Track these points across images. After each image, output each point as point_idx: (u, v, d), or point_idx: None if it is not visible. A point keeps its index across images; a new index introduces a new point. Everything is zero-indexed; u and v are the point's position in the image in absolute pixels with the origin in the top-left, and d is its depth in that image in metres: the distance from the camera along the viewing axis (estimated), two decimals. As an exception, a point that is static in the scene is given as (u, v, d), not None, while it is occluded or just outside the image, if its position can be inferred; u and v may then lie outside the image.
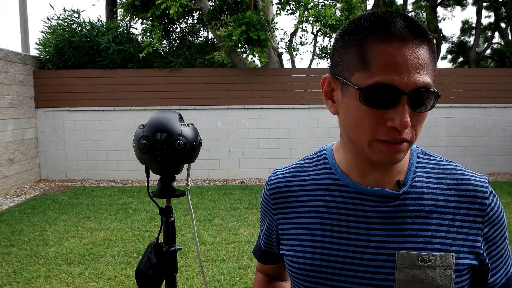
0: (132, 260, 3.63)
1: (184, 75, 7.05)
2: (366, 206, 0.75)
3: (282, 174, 0.87)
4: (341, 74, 0.69)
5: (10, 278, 3.27)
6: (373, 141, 0.67)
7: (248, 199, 5.73)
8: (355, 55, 0.66)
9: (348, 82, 0.67)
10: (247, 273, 3.36)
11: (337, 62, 0.70)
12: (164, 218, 1.43)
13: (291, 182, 0.84)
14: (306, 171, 0.85)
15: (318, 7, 7.01)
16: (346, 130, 0.72)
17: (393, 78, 0.62)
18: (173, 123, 1.32)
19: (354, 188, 0.76)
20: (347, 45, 0.68)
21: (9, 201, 5.72)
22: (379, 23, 0.65)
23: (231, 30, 6.47)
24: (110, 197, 5.88)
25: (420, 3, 13.45)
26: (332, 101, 0.75)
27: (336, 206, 0.77)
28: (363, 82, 0.65)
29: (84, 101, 6.97)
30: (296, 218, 0.81)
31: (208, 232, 4.35)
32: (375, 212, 0.74)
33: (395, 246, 0.72)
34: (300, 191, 0.82)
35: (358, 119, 0.67)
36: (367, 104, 0.65)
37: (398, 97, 0.63)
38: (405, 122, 0.63)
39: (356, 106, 0.66)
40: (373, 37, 0.64)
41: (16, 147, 6.40)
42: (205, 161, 7.13)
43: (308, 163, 0.87)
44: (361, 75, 0.65)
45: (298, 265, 0.78)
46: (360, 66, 0.65)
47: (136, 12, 7.18)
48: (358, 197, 0.76)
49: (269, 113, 7.15)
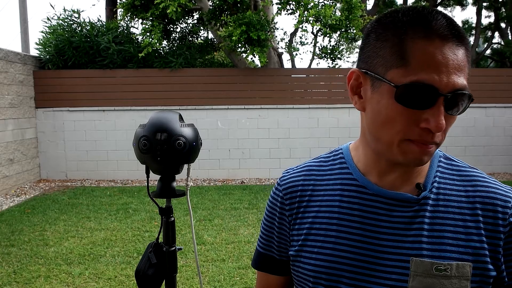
0: (132, 260, 3.63)
1: (184, 75, 7.05)
2: (384, 209, 0.72)
3: (296, 173, 0.83)
4: (374, 69, 0.66)
5: (10, 278, 3.27)
6: (404, 140, 0.65)
7: (248, 199, 5.73)
8: (392, 50, 0.63)
9: (383, 78, 0.64)
10: (247, 273, 3.36)
11: (370, 56, 0.67)
12: (164, 218, 1.43)
13: (306, 181, 0.80)
14: (321, 170, 0.81)
15: (318, 7, 7.00)
16: (374, 128, 0.68)
17: (433, 78, 0.60)
18: (173, 123, 1.32)
19: (372, 190, 0.74)
20: (383, 39, 0.64)
21: (9, 201, 5.72)
22: (420, 19, 0.62)
23: (231, 30, 6.47)
24: (110, 197, 5.88)
25: (420, 3, 13.45)
26: (358, 96, 0.71)
27: (352, 207, 0.74)
28: (400, 80, 0.62)
29: (84, 101, 6.97)
30: (311, 218, 0.77)
31: (208, 232, 4.34)
32: (392, 217, 0.72)
33: (410, 252, 0.69)
34: (315, 191, 0.79)
35: (390, 117, 0.64)
36: (403, 103, 0.62)
37: (435, 98, 0.61)
38: (441, 125, 0.61)
39: (389, 104, 0.63)
40: (413, 33, 0.61)
41: (16, 147, 6.40)
42: (205, 161, 7.13)
43: (323, 161, 0.83)
44: (398, 72, 0.62)
45: (309, 266, 0.75)
46: (398, 63, 0.62)
47: (136, 12, 7.18)
48: (376, 200, 0.73)
49: (269, 113, 7.15)
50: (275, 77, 7.16)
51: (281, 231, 0.82)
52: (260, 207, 5.31)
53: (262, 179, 7.21)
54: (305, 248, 0.76)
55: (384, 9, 13.24)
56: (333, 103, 7.17)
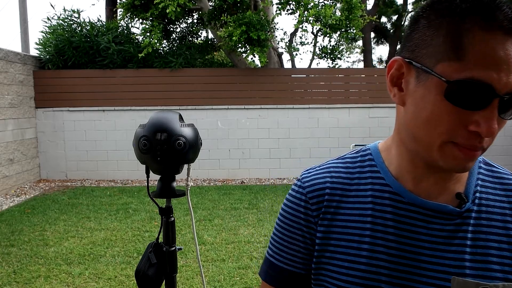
0: (132, 260, 3.63)
1: (184, 75, 7.05)
2: (421, 221, 0.65)
3: (320, 173, 0.73)
4: (422, 60, 0.58)
5: (10, 278, 3.27)
6: (447, 143, 0.57)
7: (248, 199, 5.73)
8: (446, 40, 0.55)
9: (432, 71, 0.56)
10: (247, 273, 3.36)
11: (418, 44, 0.58)
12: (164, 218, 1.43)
13: (334, 184, 0.71)
14: (349, 173, 0.72)
15: (318, 7, 7.01)
16: (414, 125, 0.60)
17: (491, 76, 0.52)
18: (173, 123, 1.32)
19: (407, 198, 0.66)
20: (436, 26, 0.56)
21: (9, 201, 5.72)
22: (482, 7, 0.54)
23: (231, 30, 6.47)
24: (110, 197, 5.88)
25: (420, 3, 13.44)
26: (398, 88, 0.63)
27: (386, 217, 0.66)
28: (451, 75, 0.54)
29: (84, 101, 6.97)
30: (339, 227, 0.69)
31: (208, 232, 4.34)
32: (431, 229, 0.64)
33: (451, 270, 0.63)
34: (344, 196, 0.70)
35: (435, 115, 0.57)
36: (453, 102, 0.55)
37: (490, 98, 0.53)
38: (493, 129, 0.54)
39: (435, 100, 0.56)
40: (472, 23, 0.53)
41: (16, 147, 6.40)
42: (205, 161, 7.13)
43: (350, 162, 0.73)
44: (450, 65, 0.54)
45: (340, 282, 0.67)
46: (451, 55, 0.54)
47: (136, 12, 7.18)
48: (412, 209, 0.65)
49: (269, 113, 7.15)
50: (275, 77, 7.16)
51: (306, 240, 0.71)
52: (260, 207, 5.31)
53: (262, 179, 7.21)
54: (334, 261, 0.68)
55: (384, 9, 13.23)
56: (333, 103, 7.17)
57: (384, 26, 14.50)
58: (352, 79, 7.29)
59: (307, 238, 0.71)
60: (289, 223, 0.73)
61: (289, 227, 0.73)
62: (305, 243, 0.71)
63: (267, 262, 0.76)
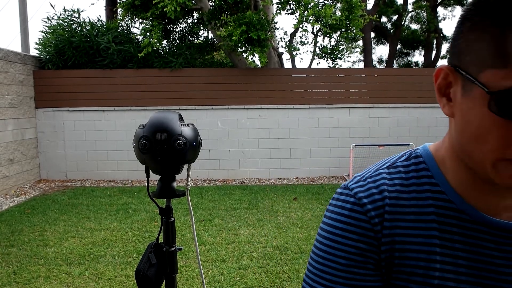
0: (132, 260, 3.62)
1: (184, 75, 7.05)
2: (492, 242, 0.58)
3: (375, 185, 0.61)
4: (466, 67, 0.52)
5: (10, 278, 3.27)
6: (501, 160, 0.51)
7: (248, 199, 5.73)
8: (490, 44, 0.48)
9: (475, 80, 0.50)
10: (247, 273, 3.36)
11: (462, 50, 0.52)
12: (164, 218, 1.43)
13: (393, 197, 0.60)
14: (404, 184, 0.61)
15: (318, 7, 7.00)
16: (463, 140, 0.54)
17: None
18: (173, 123, 1.31)
19: (474, 217, 0.58)
20: (480, 29, 0.50)
21: (9, 201, 5.71)
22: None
23: (231, 30, 6.47)
24: (110, 197, 5.88)
25: (420, 3, 13.45)
26: (447, 98, 0.56)
27: (454, 239, 0.58)
28: (497, 84, 0.48)
29: (84, 101, 6.97)
30: (405, 252, 0.58)
31: (208, 232, 4.34)
32: (504, 252, 0.57)
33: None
34: (404, 213, 0.59)
35: (483, 130, 0.50)
36: (501, 114, 0.48)
37: None
38: None
39: (482, 114, 0.50)
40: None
41: (16, 147, 6.40)
42: (205, 161, 7.12)
43: (403, 172, 0.63)
44: (495, 73, 0.48)
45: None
46: (496, 61, 0.48)
47: (136, 12, 7.18)
48: (481, 230, 0.58)
49: (269, 113, 7.15)
50: (275, 77, 7.16)
51: (374, 266, 0.59)
52: (260, 207, 5.31)
53: (262, 179, 7.21)
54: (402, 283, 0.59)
55: (384, 9, 13.23)
56: (333, 103, 7.17)
57: (384, 26, 14.50)
58: (352, 79, 7.29)
59: (372, 263, 0.59)
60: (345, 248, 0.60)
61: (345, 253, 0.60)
62: (371, 269, 0.59)
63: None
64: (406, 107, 7.27)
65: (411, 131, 7.32)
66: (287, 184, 6.82)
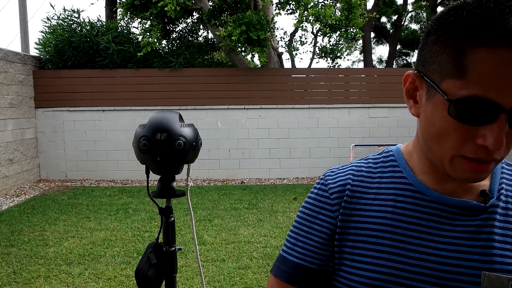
0: (132, 260, 3.62)
1: (184, 75, 7.05)
2: (446, 218, 0.65)
3: (342, 172, 0.75)
4: (430, 75, 0.59)
5: (10, 278, 3.27)
6: (457, 157, 0.58)
7: (248, 199, 5.73)
8: (450, 58, 0.55)
9: (437, 88, 0.57)
10: (247, 273, 3.36)
11: (427, 60, 0.60)
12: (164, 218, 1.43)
13: (356, 181, 0.72)
14: (371, 172, 0.73)
15: (318, 7, 7.01)
16: (427, 138, 0.62)
17: (493, 94, 0.52)
18: (173, 123, 1.31)
19: (431, 197, 0.66)
20: (442, 43, 0.56)
21: (9, 201, 5.71)
22: (488, 20, 0.52)
23: (231, 30, 6.47)
24: (110, 197, 5.88)
25: (420, 3, 13.46)
26: (414, 101, 0.65)
27: (408, 214, 0.66)
28: (455, 93, 0.55)
29: (84, 101, 6.97)
30: (360, 223, 0.68)
31: (208, 232, 4.34)
32: (456, 226, 0.64)
33: (481, 266, 0.62)
34: (364, 193, 0.70)
35: (443, 131, 0.58)
36: (458, 119, 0.55)
37: (496, 114, 0.53)
38: (500, 144, 0.54)
39: (442, 117, 0.57)
40: (476, 39, 0.52)
41: (16, 147, 6.40)
42: (205, 161, 7.12)
43: (372, 162, 0.75)
44: (454, 83, 0.55)
45: (359, 278, 0.66)
46: (454, 73, 0.54)
47: (136, 11, 7.18)
48: (435, 207, 0.65)
49: (269, 113, 7.15)
50: (275, 77, 7.16)
51: (324, 235, 0.71)
52: (260, 207, 5.31)
53: (262, 179, 7.21)
54: (354, 257, 0.68)
55: (384, 9, 13.24)
56: (333, 103, 7.17)
57: (384, 26, 14.50)
58: (352, 79, 7.29)
59: (325, 233, 0.71)
60: (308, 218, 0.74)
61: (308, 222, 0.73)
62: (322, 238, 0.71)
63: (280, 258, 0.76)
64: (406, 107, 7.26)
65: (411, 131, 7.32)
66: (287, 184, 6.82)
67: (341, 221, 0.69)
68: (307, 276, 0.71)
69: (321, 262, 0.71)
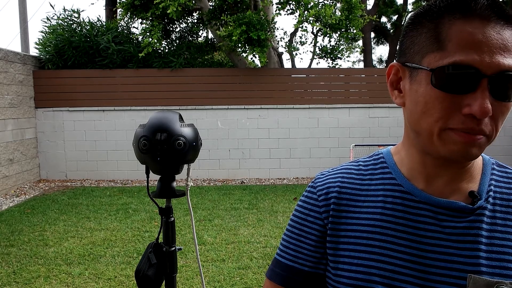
0: (132, 260, 3.62)
1: (184, 75, 7.05)
2: (433, 218, 0.65)
3: (332, 175, 0.75)
4: (411, 59, 0.61)
5: (9, 278, 3.27)
6: (445, 129, 0.58)
7: (248, 199, 5.73)
8: (428, 35, 0.59)
9: (419, 65, 0.59)
10: (247, 273, 3.35)
11: (407, 47, 0.63)
12: (164, 218, 1.43)
13: (345, 184, 0.73)
14: (361, 174, 0.73)
15: (318, 7, 7.01)
16: (413, 121, 0.63)
17: (472, 58, 0.54)
18: (173, 123, 1.31)
19: (419, 197, 0.66)
20: (419, 26, 0.61)
21: (8, 201, 5.71)
22: (458, 2, 0.57)
23: (231, 30, 6.47)
24: (110, 197, 5.88)
25: (420, 3, 13.45)
26: (398, 91, 0.67)
27: (397, 215, 0.67)
28: (436, 63, 0.57)
29: (84, 101, 6.97)
30: (349, 225, 0.69)
31: (208, 232, 4.34)
32: (443, 227, 0.64)
33: (466, 268, 0.62)
34: (356, 195, 0.71)
35: (428, 105, 0.59)
36: (440, 88, 0.57)
37: (478, 80, 0.55)
38: (485, 108, 0.54)
39: (426, 91, 0.58)
40: (450, 16, 0.57)
41: (16, 147, 6.40)
42: (205, 161, 7.12)
43: (362, 165, 0.75)
44: (434, 56, 0.57)
45: (348, 280, 0.67)
46: (434, 47, 0.58)
47: (136, 12, 7.18)
48: (424, 208, 0.66)
49: (269, 113, 7.15)
50: (275, 77, 7.16)
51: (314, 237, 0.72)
52: (260, 207, 5.31)
53: (262, 179, 7.21)
54: (343, 259, 0.68)
55: (384, 9, 13.23)
56: (333, 103, 7.17)
57: (384, 26, 14.50)
58: (352, 79, 7.29)
59: (314, 235, 0.72)
60: (299, 221, 0.75)
61: (298, 225, 0.75)
62: (312, 240, 0.72)
63: (274, 261, 0.77)
64: (406, 107, 7.26)
65: (411, 131, 7.31)
66: (287, 184, 6.82)
67: (332, 223, 0.70)
68: (300, 279, 0.73)
69: (313, 265, 0.72)
